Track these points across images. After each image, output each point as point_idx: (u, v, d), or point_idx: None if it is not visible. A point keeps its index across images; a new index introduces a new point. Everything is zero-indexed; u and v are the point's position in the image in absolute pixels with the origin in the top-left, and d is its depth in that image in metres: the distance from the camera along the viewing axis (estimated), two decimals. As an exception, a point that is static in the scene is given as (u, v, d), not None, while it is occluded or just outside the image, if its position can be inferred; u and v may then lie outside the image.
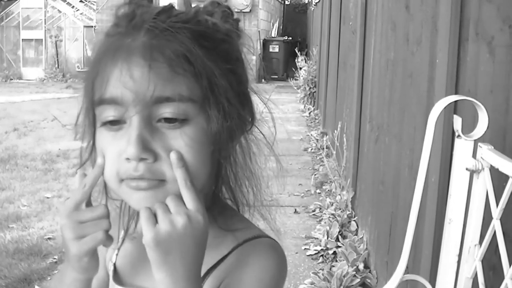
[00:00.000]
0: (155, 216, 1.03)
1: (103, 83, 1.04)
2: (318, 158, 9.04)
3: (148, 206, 1.06)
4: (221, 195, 1.23)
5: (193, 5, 1.15)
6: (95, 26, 23.62)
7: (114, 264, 1.28)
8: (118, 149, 1.04)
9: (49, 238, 5.93)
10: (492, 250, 1.87)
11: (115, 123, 1.05)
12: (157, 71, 1.01)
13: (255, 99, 1.20)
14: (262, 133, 1.21)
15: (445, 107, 2.00)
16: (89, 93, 1.08)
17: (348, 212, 5.81)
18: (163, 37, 1.04)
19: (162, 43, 1.03)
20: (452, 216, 1.93)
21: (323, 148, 8.76)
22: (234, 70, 1.12)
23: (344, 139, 6.72)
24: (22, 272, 5.06)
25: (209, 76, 1.05)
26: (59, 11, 24.35)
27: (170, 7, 1.11)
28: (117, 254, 1.29)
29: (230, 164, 1.18)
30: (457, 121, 1.93)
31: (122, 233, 1.30)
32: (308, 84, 14.90)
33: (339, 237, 5.36)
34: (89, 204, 1.11)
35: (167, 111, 1.03)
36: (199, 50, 1.05)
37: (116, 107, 1.04)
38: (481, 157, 1.85)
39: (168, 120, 1.03)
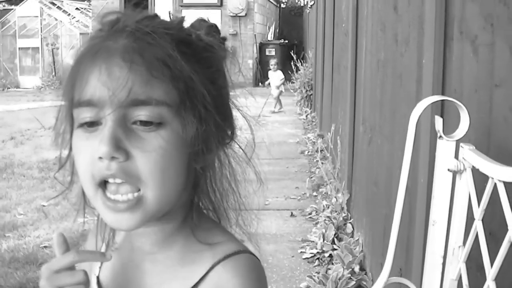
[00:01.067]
0: None
1: (82, 83, 1.04)
2: (314, 160, 9.02)
3: (123, 227, 1.07)
4: (202, 206, 1.21)
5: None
6: (91, 33, 23.63)
7: (98, 277, 1.26)
8: (91, 150, 1.03)
9: (45, 247, 5.92)
10: (479, 251, 1.85)
11: (91, 125, 1.04)
12: (135, 73, 1.01)
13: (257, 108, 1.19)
14: (242, 149, 1.19)
15: (429, 108, 2.00)
16: (69, 95, 1.08)
17: (343, 215, 5.80)
18: (144, 41, 1.04)
19: (142, 46, 1.03)
20: (436, 218, 1.92)
21: (319, 151, 8.75)
22: (213, 79, 1.11)
23: (339, 141, 6.72)
24: (18, 281, 5.05)
25: (186, 81, 1.04)
26: (55, 19, 24.37)
27: (155, 15, 1.11)
28: (100, 267, 1.27)
29: (209, 176, 1.16)
30: (438, 122, 1.92)
31: (103, 245, 1.28)
32: (304, 87, 14.91)
33: (335, 239, 5.35)
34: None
35: (142, 113, 1.02)
36: (179, 55, 1.04)
37: (93, 109, 1.03)
38: (463, 158, 1.84)
39: (143, 123, 1.03)
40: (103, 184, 1.05)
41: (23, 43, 24.72)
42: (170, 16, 1.15)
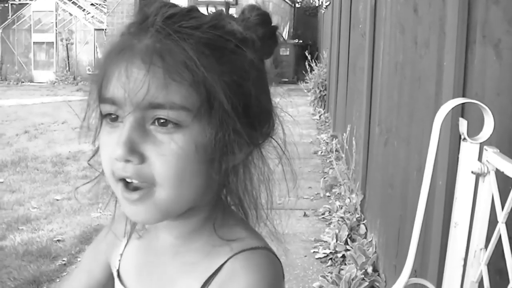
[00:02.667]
0: None
1: (106, 81, 1.04)
2: (328, 161, 9.02)
3: (139, 219, 1.09)
4: (231, 202, 1.20)
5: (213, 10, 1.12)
6: (105, 29, 23.69)
7: (118, 271, 1.28)
8: (111, 148, 1.04)
9: (58, 240, 5.95)
10: (499, 254, 1.86)
11: (114, 120, 1.05)
12: (153, 75, 0.99)
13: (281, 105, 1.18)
14: (281, 147, 1.18)
15: (450, 110, 2.00)
16: (97, 89, 1.08)
17: (357, 215, 5.80)
18: (167, 42, 1.02)
19: (164, 48, 1.01)
20: (458, 220, 1.92)
21: (333, 151, 8.74)
22: (239, 83, 1.07)
23: (354, 142, 6.71)
24: (31, 274, 5.08)
25: (207, 86, 1.02)
26: (70, 14, 24.42)
27: (189, 9, 1.08)
28: (119, 260, 1.29)
29: (240, 174, 1.14)
30: (463, 124, 1.92)
31: (125, 239, 1.30)
32: (318, 87, 14.89)
33: (348, 240, 5.35)
34: None
35: (159, 115, 1.01)
36: (202, 59, 1.02)
37: (114, 106, 1.04)
38: (487, 160, 1.84)
39: (161, 123, 1.02)
40: (123, 179, 1.06)
41: (37, 38, 24.78)
42: (207, 10, 1.11)
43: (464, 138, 1.92)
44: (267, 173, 1.16)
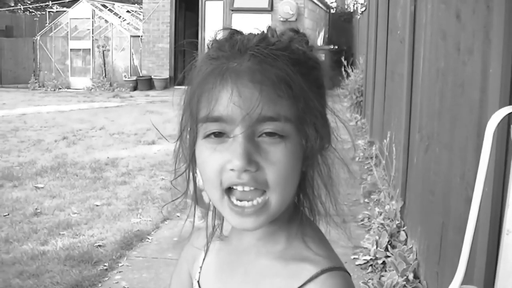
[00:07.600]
0: None
1: (211, 102, 1.13)
2: (365, 167, 8.99)
3: (248, 227, 1.16)
4: (299, 204, 1.29)
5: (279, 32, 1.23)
6: (141, 36, 23.89)
7: (198, 282, 1.33)
8: (221, 161, 1.14)
9: (99, 246, 6.02)
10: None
11: (219, 135, 1.15)
12: (263, 93, 1.10)
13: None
14: (335, 150, 1.28)
15: (502, 118, 2.00)
16: (194, 110, 1.18)
17: (397, 222, 5.78)
18: (265, 63, 1.13)
19: (265, 68, 1.13)
20: (510, 227, 1.92)
21: (371, 158, 8.72)
22: (322, 94, 1.22)
23: (393, 148, 6.69)
24: (73, 279, 5.15)
25: (305, 99, 1.14)
26: (106, 21, 24.63)
27: (265, 35, 1.20)
28: (199, 272, 1.35)
29: (312, 176, 1.26)
30: (516, 132, 1.92)
31: (203, 252, 1.36)
32: (354, 93, 14.85)
33: (388, 247, 5.34)
34: None
35: (269, 127, 1.12)
36: (297, 75, 1.14)
37: (221, 124, 1.14)
38: (540, 168, 1.84)
39: (268, 134, 1.13)
40: (229, 189, 1.15)
41: (74, 45, 25.03)
42: (274, 32, 1.22)
43: (517, 146, 1.92)
44: (331, 174, 1.28)
